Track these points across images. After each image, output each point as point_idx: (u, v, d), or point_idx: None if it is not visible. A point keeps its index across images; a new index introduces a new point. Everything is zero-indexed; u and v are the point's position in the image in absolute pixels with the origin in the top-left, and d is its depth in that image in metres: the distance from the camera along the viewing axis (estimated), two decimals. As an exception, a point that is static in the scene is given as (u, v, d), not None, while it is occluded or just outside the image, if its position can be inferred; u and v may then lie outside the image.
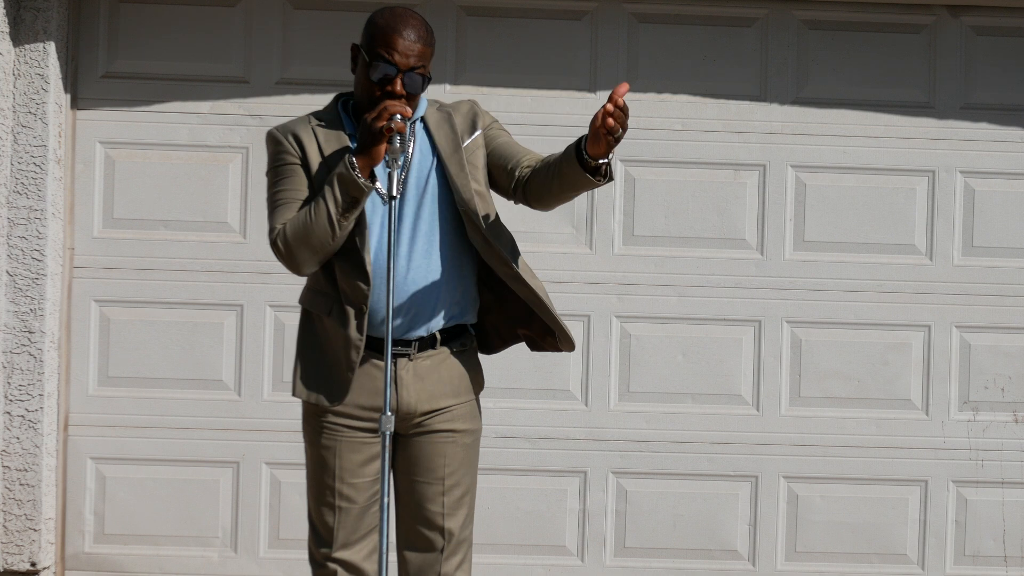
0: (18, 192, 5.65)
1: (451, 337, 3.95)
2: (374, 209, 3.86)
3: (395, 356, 3.87)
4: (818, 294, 5.90)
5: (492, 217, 3.94)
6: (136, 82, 5.83)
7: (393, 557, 3.96)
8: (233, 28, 5.86)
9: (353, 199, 3.75)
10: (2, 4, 5.57)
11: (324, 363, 3.91)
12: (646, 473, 5.89)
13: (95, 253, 5.83)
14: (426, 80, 3.83)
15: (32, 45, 5.64)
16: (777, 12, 5.90)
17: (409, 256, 3.86)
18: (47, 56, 5.65)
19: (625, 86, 3.67)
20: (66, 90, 5.77)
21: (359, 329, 3.85)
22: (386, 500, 3.73)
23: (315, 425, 3.94)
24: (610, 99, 3.64)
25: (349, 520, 3.91)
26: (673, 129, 5.89)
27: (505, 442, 5.83)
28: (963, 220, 5.93)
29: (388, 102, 3.74)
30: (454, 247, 3.92)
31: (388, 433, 3.71)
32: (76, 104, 5.82)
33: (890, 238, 5.91)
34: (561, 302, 5.87)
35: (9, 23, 5.61)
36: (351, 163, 3.74)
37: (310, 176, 3.86)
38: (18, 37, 5.64)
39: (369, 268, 3.83)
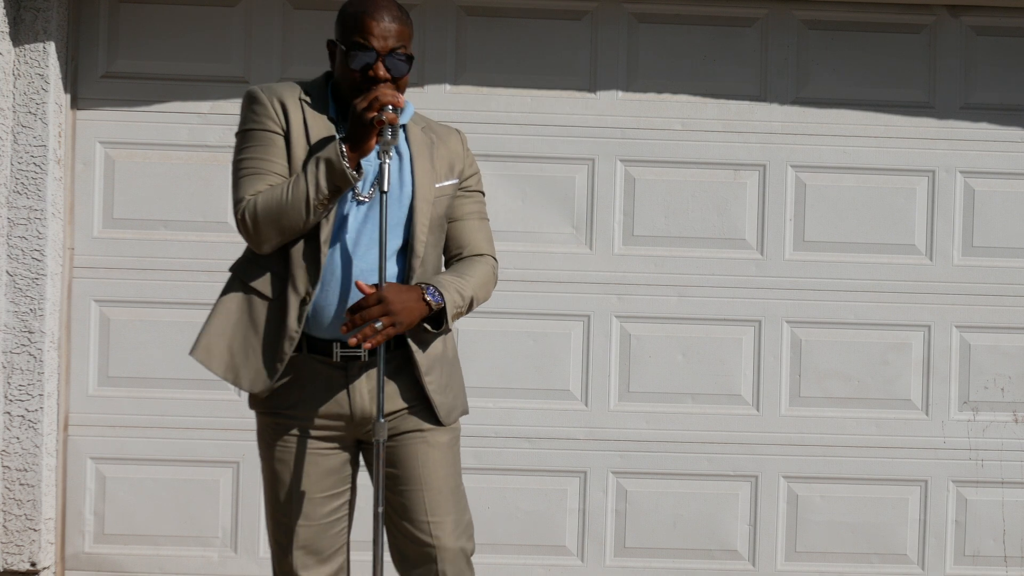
0: (18, 192, 5.65)
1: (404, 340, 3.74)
2: (339, 204, 3.68)
3: (346, 359, 3.69)
4: (818, 294, 5.90)
5: (430, 262, 3.80)
6: (136, 82, 5.83)
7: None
8: (233, 28, 5.86)
9: (336, 188, 3.58)
10: (2, 4, 5.57)
11: (252, 344, 3.69)
12: (646, 473, 5.89)
13: (95, 253, 5.83)
14: (409, 60, 3.70)
15: (32, 45, 5.64)
16: (777, 12, 5.91)
17: (363, 257, 3.69)
18: (47, 56, 5.65)
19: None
20: (66, 90, 5.77)
21: (298, 320, 3.65)
22: (379, 510, 3.60)
23: (269, 438, 3.77)
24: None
25: (307, 538, 3.76)
26: (673, 129, 5.89)
27: (505, 442, 5.83)
28: (963, 220, 5.93)
29: (380, 89, 3.58)
30: (439, 241, 3.83)
31: (381, 441, 3.58)
32: (76, 104, 5.82)
33: (890, 238, 5.91)
34: (561, 302, 5.89)
35: (9, 23, 5.61)
36: (342, 152, 3.57)
37: (289, 150, 3.67)
38: (18, 37, 5.64)
39: (323, 260, 3.65)
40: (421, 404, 3.77)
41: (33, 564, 5.70)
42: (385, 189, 3.57)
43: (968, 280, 5.91)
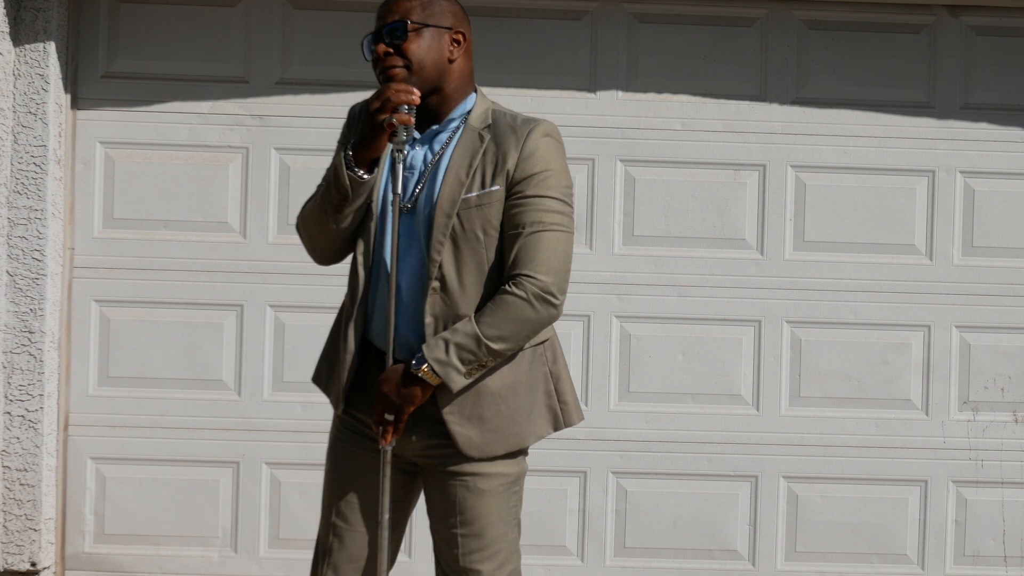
0: (18, 192, 5.65)
1: None
2: (386, 216, 3.52)
3: None
4: (818, 294, 5.90)
5: (461, 282, 3.51)
6: (136, 82, 5.83)
7: None
8: (233, 28, 5.86)
9: (344, 193, 3.43)
10: (2, 4, 5.57)
11: (335, 363, 3.63)
12: (646, 473, 5.89)
13: (95, 253, 5.83)
14: (410, 25, 3.45)
15: (32, 45, 5.64)
16: (777, 12, 5.91)
17: (410, 265, 3.53)
18: (47, 56, 5.65)
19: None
20: (66, 90, 5.77)
21: (355, 339, 3.54)
22: (385, 517, 3.51)
23: (332, 438, 3.67)
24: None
25: (345, 545, 3.60)
26: (673, 129, 5.89)
27: (505, 442, 5.83)
28: (963, 220, 5.93)
29: (393, 87, 3.39)
30: (473, 259, 3.53)
31: (387, 450, 3.48)
32: (76, 104, 5.82)
33: (890, 238, 5.91)
34: (561, 302, 5.89)
35: (9, 23, 5.61)
36: (348, 155, 3.43)
37: None
38: (18, 37, 5.64)
39: (360, 277, 3.52)
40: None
41: (33, 564, 5.70)
42: (398, 191, 3.43)
43: (968, 280, 5.91)
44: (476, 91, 3.62)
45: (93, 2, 5.83)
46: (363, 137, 3.44)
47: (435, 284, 3.50)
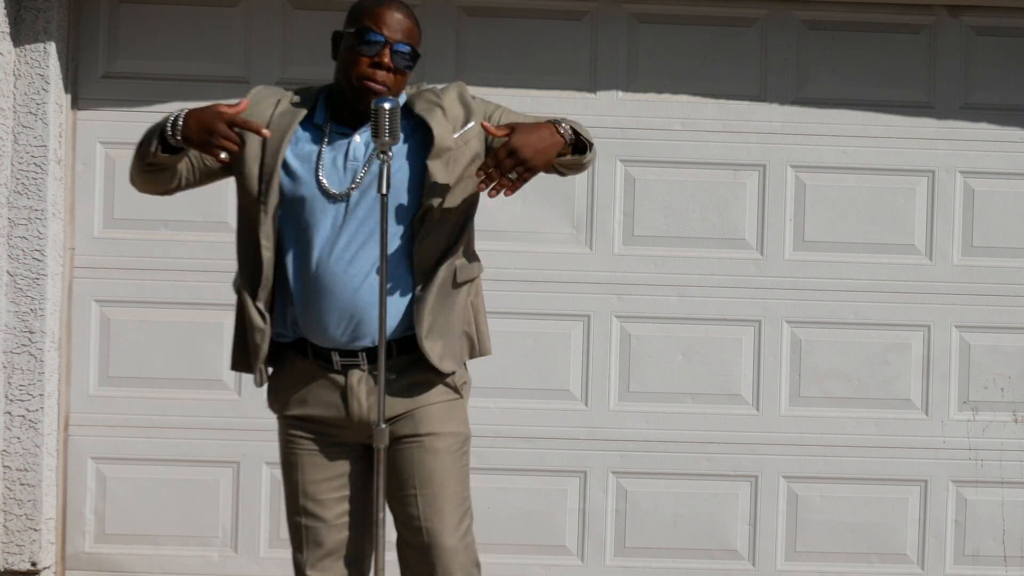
0: (18, 192, 5.65)
1: (407, 348, 3.70)
2: (323, 209, 3.65)
3: (346, 367, 3.70)
4: (818, 294, 5.90)
5: (457, 216, 3.68)
6: (136, 82, 5.83)
7: None
8: (233, 28, 5.86)
9: (157, 145, 3.57)
10: (2, 4, 5.57)
11: (243, 344, 3.79)
12: (646, 473, 5.89)
13: (95, 253, 5.83)
14: (414, 57, 3.67)
15: (32, 45, 5.65)
16: (777, 12, 5.91)
17: (352, 260, 3.65)
18: (47, 56, 5.65)
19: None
20: (66, 90, 5.77)
21: (260, 314, 3.70)
22: (381, 516, 3.58)
23: (282, 440, 3.81)
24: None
25: (318, 537, 3.73)
26: (673, 129, 5.89)
27: (505, 442, 5.83)
28: (963, 220, 5.93)
29: (227, 139, 3.51)
30: (406, 250, 3.68)
31: (382, 448, 3.56)
32: (76, 104, 5.82)
33: (890, 238, 5.91)
34: (561, 302, 5.89)
35: (9, 23, 5.61)
36: (176, 121, 3.56)
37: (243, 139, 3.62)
38: (18, 37, 5.64)
39: (264, 256, 3.66)
40: (422, 410, 3.73)
41: (33, 564, 5.70)
42: (384, 191, 3.51)
43: (968, 280, 5.91)
44: None
45: (93, 2, 5.83)
46: (196, 138, 3.54)
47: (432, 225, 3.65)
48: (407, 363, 3.71)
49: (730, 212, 5.90)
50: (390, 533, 3.80)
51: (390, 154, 3.54)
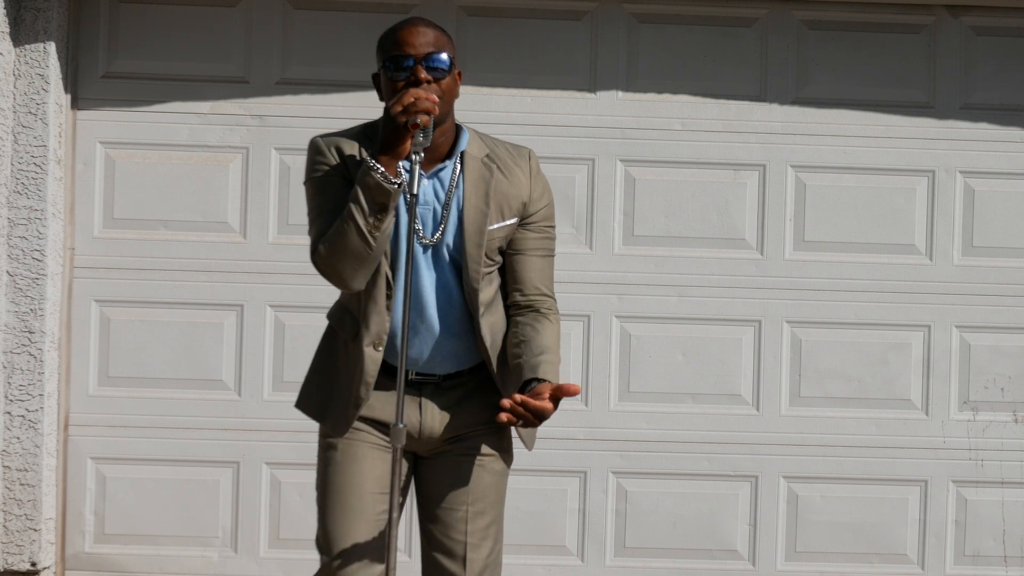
0: (18, 192, 5.65)
1: (476, 371, 3.79)
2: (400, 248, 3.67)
3: (420, 384, 3.73)
4: (818, 294, 5.90)
5: (491, 298, 3.78)
6: (136, 82, 5.83)
7: None
8: (233, 28, 5.86)
9: (381, 204, 3.52)
10: (2, 4, 5.57)
11: (335, 389, 3.75)
12: (646, 473, 5.89)
13: (95, 253, 5.83)
14: (452, 62, 3.68)
15: (32, 45, 5.64)
16: (777, 12, 5.91)
17: (436, 289, 3.71)
18: (47, 56, 5.65)
19: (573, 388, 3.73)
20: (66, 90, 5.77)
21: (374, 365, 3.68)
22: (394, 515, 3.56)
23: (327, 442, 3.76)
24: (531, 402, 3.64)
25: (357, 531, 3.69)
26: (673, 129, 5.89)
27: (505, 442, 5.83)
28: (963, 220, 5.93)
29: (412, 91, 3.52)
30: (494, 280, 3.81)
31: (399, 447, 3.54)
32: (76, 104, 5.82)
33: (890, 238, 5.91)
34: (561, 302, 5.87)
35: (9, 23, 5.61)
36: (374, 166, 3.50)
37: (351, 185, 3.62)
38: (18, 37, 5.64)
39: (392, 305, 3.66)
40: (488, 430, 3.80)
41: (33, 564, 5.70)
42: (415, 192, 3.50)
43: (968, 280, 5.91)
44: (458, 123, 3.79)
45: (93, 2, 5.83)
46: (386, 143, 3.54)
47: (481, 309, 3.74)
48: (475, 386, 3.78)
49: (730, 212, 5.90)
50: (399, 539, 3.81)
51: (421, 156, 3.54)
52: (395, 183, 3.51)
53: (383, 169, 3.51)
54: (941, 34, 5.92)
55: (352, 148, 3.66)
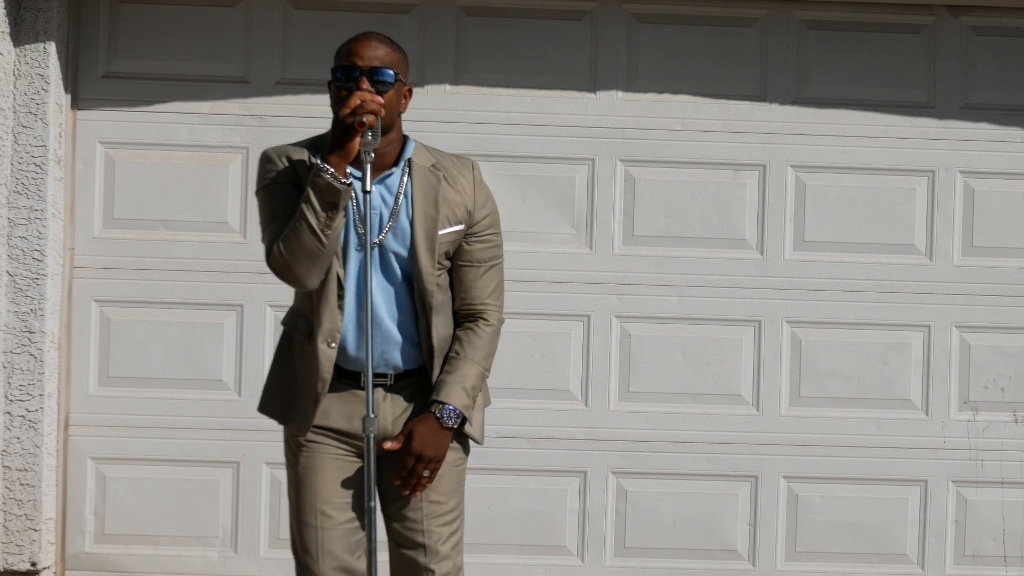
0: (18, 192, 5.65)
1: (425, 372, 3.96)
2: (352, 249, 3.85)
3: (373, 386, 3.86)
4: (818, 294, 5.90)
5: (441, 303, 3.94)
6: (136, 82, 5.83)
7: None
8: (233, 28, 5.86)
9: (332, 204, 3.69)
10: (2, 4, 5.57)
11: (294, 390, 3.93)
12: (646, 473, 5.89)
13: (95, 253, 5.83)
14: (397, 77, 3.81)
15: (32, 45, 5.64)
16: (777, 12, 5.91)
17: (384, 291, 3.87)
18: (47, 56, 5.65)
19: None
20: (66, 90, 5.77)
21: (329, 363, 3.85)
22: (372, 503, 3.73)
23: (295, 445, 3.95)
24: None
25: (330, 541, 3.88)
26: (673, 129, 5.89)
27: (505, 442, 5.83)
28: (963, 220, 5.93)
29: (358, 93, 3.70)
30: (444, 283, 3.96)
31: (371, 435, 3.72)
32: (76, 104, 5.82)
33: (890, 238, 5.91)
34: (561, 302, 5.89)
35: (9, 23, 5.61)
36: (324, 167, 3.68)
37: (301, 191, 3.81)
38: (18, 37, 5.64)
39: (343, 304, 3.84)
40: None
41: (33, 564, 5.70)
42: (368, 189, 3.69)
43: (968, 280, 5.91)
44: (406, 134, 3.96)
45: (93, 2, 5.83)
46: (335, 143, 3.71)
47: (433, 308, 3.91)
48: (424, 384, 3.94)
49: (730, 212, 5.90)
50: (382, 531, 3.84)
51: (372, 156, 3.71)
52: (344, 182, 3.67)
53: (332, 169, 3.67)
54: (941, 34, 5.92)
55: (301, 155, 3.85)
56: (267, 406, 4.01)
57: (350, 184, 3.69)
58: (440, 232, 3.87)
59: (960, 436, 5.92)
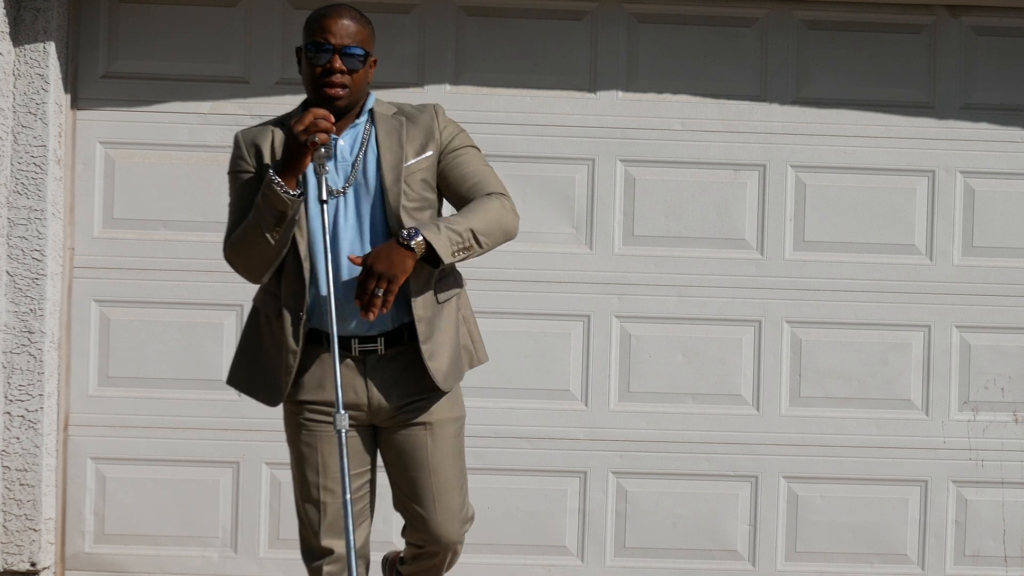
0: (18, 192, 5.65)
1: (414, 335, 3.99)
2: (316, 213, 3.92)
3: (364, 353, 3.95)
4: (818, 294, 5.90)
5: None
6: (136, 82, 5.83)
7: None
8: (233, 28, 5.86)
9: (280, 213, 3.81)
10: (2, 4, 5.57)
11: (265, 364, 4.00)
12: (646, 473, 5.89)
13: (95, 253, 5.83)
14: (367, 57, 3.91)
15: (32, 45, 5.64)
16: (777, 12, 5.91)
17: (358, 251, 3.92)
18: (47, 56, 5.65)
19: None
20: (66, 90, 5.77)
21: (295, 336, 3.93)
22: (347, 498, 3.78)
23: (295, 424, 4.05)
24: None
25: (333, 514, 3.98)
26: (673, 129, 5.89)
27: (505, 442, 5.83)
28: (963, 220, 5.93)
29: (314, 114, 3.79)
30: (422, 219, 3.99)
31: (344, 431, 3.78)
32: (76, 104, 5.82)
33: (890, 238, 5.91)
34: (561, 302, 5.89)
35: (9, 23, 5.61)
36: (273, 179, 3.80)
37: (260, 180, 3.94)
38: (18, 37, 5.64)
39: (306, 274, 3.91)
40: (430, 396, 4.01)
41: (33, 564, 5.70)
42: (324, 199, 3.80)
43: (968, 280, 5.91)
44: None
45: (93, 2, 5.83)
46: (288, 158, 3.83)
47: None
48: (416, 353, 3.97)
49: (730, 212, 5.90)
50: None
51: (327, 168, 3.85)
52: (292, 195, 3.79)
53: (280, 180, 3.78)
54: (941, 34, 5.92)
55: (266, 139, 3.96)
56: (234, 378, 4.11)
57: (298, 195, 3.79)
58: (407, 163, 3.93)
59: (960, 436, 5.92)
